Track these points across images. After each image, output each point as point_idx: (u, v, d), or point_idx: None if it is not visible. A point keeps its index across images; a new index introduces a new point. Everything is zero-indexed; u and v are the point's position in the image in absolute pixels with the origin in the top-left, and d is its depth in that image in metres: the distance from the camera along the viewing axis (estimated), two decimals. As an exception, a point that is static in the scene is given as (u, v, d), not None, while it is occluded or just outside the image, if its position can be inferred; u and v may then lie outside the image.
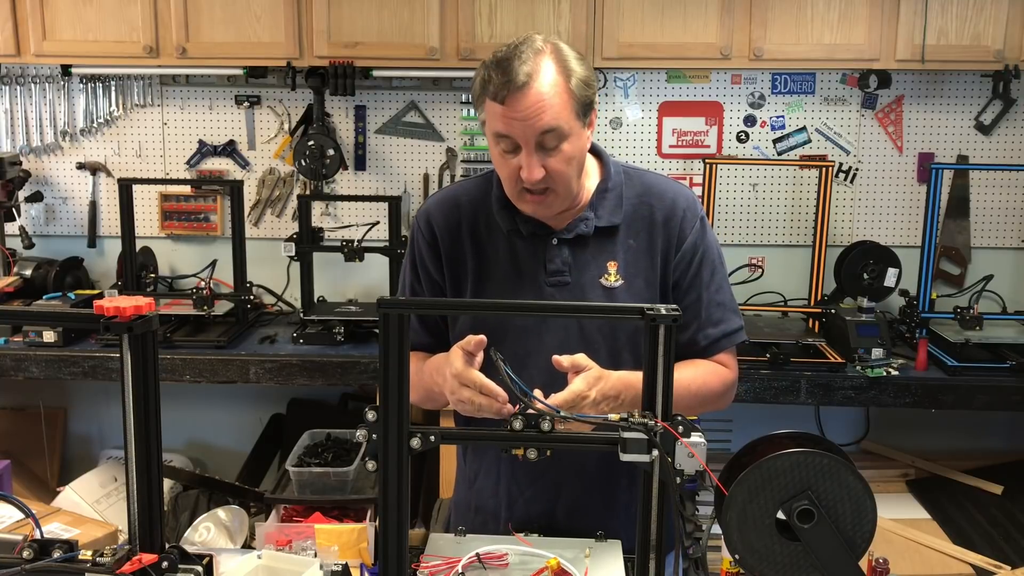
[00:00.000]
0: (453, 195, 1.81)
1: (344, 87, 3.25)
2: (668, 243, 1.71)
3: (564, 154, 1.60)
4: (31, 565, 1.16)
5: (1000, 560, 2.75)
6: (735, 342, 1.77)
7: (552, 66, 1.57)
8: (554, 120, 1.56)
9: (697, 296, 1.73)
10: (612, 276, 1.70)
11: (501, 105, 1.56)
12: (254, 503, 3.25)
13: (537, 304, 1.60)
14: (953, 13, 3.12)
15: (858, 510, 1.28)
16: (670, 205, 1.73)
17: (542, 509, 1.73)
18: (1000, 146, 3.49)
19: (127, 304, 1.12)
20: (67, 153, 3.67)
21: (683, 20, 3.15)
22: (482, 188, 1.78)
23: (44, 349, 3.05)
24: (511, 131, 1.57)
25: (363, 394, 3.62)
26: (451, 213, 1.77)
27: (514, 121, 1.56)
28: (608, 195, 1.73)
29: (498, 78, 1.56)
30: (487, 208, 1.75)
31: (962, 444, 3.54)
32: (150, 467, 1.17)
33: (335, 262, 3.46)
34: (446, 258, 1.77)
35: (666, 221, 1.72)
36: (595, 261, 1.71)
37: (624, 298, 1.69)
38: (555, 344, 1.66)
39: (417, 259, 1.81)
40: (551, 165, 1.60)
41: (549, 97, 1.55)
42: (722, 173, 3.46)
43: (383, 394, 1.20)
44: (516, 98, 1.55)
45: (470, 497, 1.85)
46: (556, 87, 1.56)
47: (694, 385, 1.69)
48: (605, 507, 1.72)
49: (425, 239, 1.78)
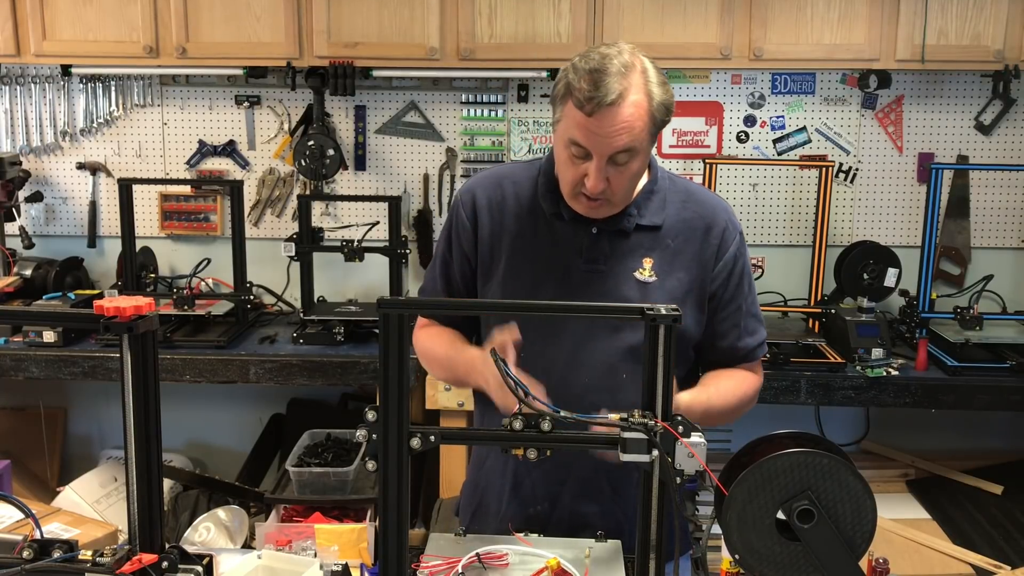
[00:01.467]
0: (498, 174, 1.84)
1: (344, 87, 3.25)
2: (709, 253, 1.75)
3: (630, 170, 1.64)
4: (31, 565, 1.16)
5: (1000, 560, 2.75)
6: (765, 351, 1.86)
7: (640, 86, 1.59)
8: (631, 142, 1.59)
9: (738, 307, 1.78)
10: (647, 271, 1.73)
11: (587, 117, 1.58)
12: (254, 503, 3.26)
13: (537, 304, 1.59)
14: (953, 13, 3.12)
15: (858, 510, 1.28)
16: (711, 215, 1.77)
17: (547, 491, 1.75)
18: (1000, 146, 3.49)
19: (127, 304, 1.12)
20: (67, 153, 3.67)
21: (683, 20, 3.15)
22: (528, 171, 1.81)
23: (44, 349, 3.05)
24: (589, 144, 1.60)
25: (363, 394, 3.62)
26: (494, 191, 1.80)
27: (595, 136, 1.59)
28: (654, 197, 1.76)
29: (589, 89, 1.57)
30: (531, 190, 1.78)
31: (962, 444, 3.54)
32: (150, 467, 1.17)
33: (335, 262, 3.46)
34: (482, 235, 1.79)
35: (707, 230, 1.75)
36: (632, 255, 1.73)
37: (657, 294, 1.71)
38: (582, 327, 1.69)
39: (453, 233, 1.84)
40: (615, 179, 1.64)
41: (632, 120, 1.58)
42: (722, 173, 3.46)
43: (383, 394, 1.20)
44: (603, 114, 1.57)
45: (479, 478, 1.87)
46: (640, 109, 1.59)
47: (737, 395, 1.77)
48: (613, 491, 1.74)
49: (466, 214, 1.82)
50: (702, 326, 1.77)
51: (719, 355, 1.80)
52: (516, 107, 3.54)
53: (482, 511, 1.84)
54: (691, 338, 1.77)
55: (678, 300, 1.71)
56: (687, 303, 1.73)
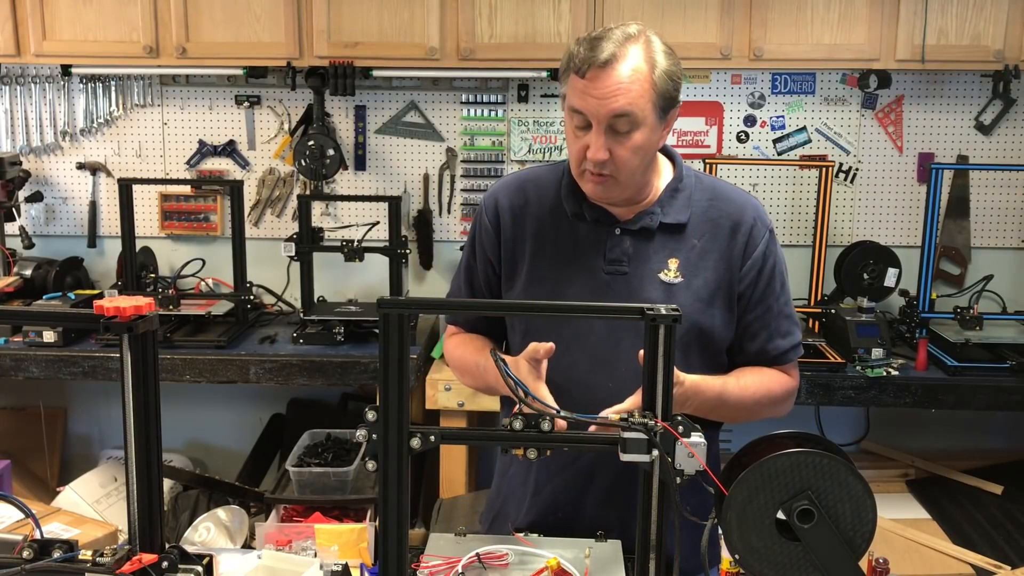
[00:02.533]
0: (522, 178, 1.84)
1: (344, 87, 3.25)
2: (736, 251, 1.71)
3: (633, 142, 1.60)
4: (31, 565, 1.16)
5: (1000, 560, 2.75)
6: (799, 354, 1.79)
7: (640, 53, 1.58)
8: (628, 105, 1.56)
9: (767, 307, 1.73)
10: (672, 272, 1.69)
11: (582, 79, 1.57)
12: (254, 503, 3.26)
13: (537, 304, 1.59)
14: (953, 13, 3.12)
15: (858, 510, 1.28)
16: (739, 212, 1.72)
17: (570, 497, 1.73)
18: (1000, 146, 3.49)
19: (127, 304, 1.12)
20: (67, 153, 3.67)
21: (683, 20, 3.15)
22: (552, 174, 1.80)
23: (44, 349, 3.05)
24: (585, 107, 1.58)
25: (363, 394, 3.62)
26: (516, 194, 1.79)
27: (589, 98, 1.57)
28: (678, 195, 1.73)
29: (584, 52, 1.57)
30: (555, 192, 1.77)
31: (962, 444, 3.55)
32: (150, 467, 1.17)
33: (335, 262, 3.46)
34: (505, 239, 1.78)
35: (734, 228, 1.71)
36: (656, 256, 1.70)
37: (683, 295, 1.68)
38: (607, 331, 1.67)
39: (477, 239, 1.83)
40: (617, 151, 1.60)
41: (629, 81, 1.56)
42: (722, 173, 3.46)
43: (383, 394, 1.20)
44: (596, 75, 1.55)
45: (501, 486, 1.86)
46: (638, 73, 1.57)
47: (760, 391, 1.71)
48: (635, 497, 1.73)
49: (488, 219, 1.81)
50: (732, 328, 1.73)
51: (750, 358, 1.75)
52: (516, 107, 3.54)
53: (502, 518, 1.82)
54: (721, 340, 1.72)
55: (704, 301, 1.69)
56: (715, 304, 1.69)
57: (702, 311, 1.68)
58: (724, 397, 1.64)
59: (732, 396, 1.66)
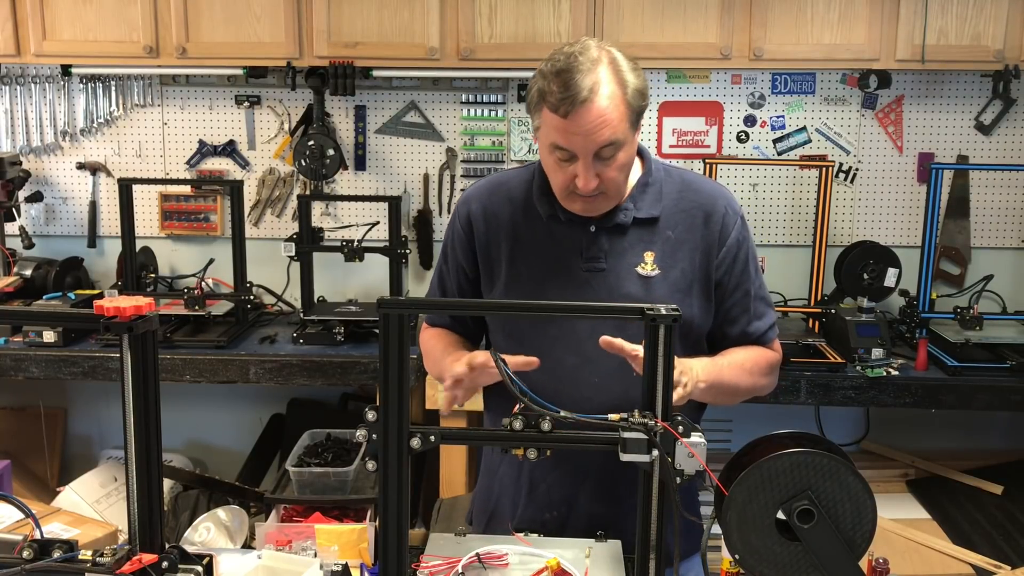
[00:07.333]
0: (493, 182, 1.85)
1: (344, 87, 3.25)
2: (710, 239, 1.73)
3: (618, 163, 1.63)
4: (31, 565, 1.17)
5: (1000, 560, 2.74)
6: (777, 333, 1.86)
7: (610, 75, 1.58)
8: (613, 134, 1.58)
9: (745, 292, 1.78)
10: (649, 265, 1.72)
11: (563, 119, 1.57)
12: (254, 503, 3.25)
13: (536, 304, 1.59)
14: (953, 13, 3.12)
15: (858, 510, 1.28)
16: (710, 202, 1.75)
17: (565, 494, 1.74)
18: (1000, 146, 3.49)
19: (127, 304, 1.12)
20: (67, 153, 3.67)
21: (683, 20, 3.15)
22: (523, 176, 1.82)
23: (44, 349, 3.05)
24: (571, 145, 1.59)
25: (363, 394, 3.62)
26: (490, 199, 1.81)
27: (574, 136, 1.58)
28: (649, 189, 1.75)
29: (559, 91, 1.56)
30: (527, 194, 1.78)
31: (962, 444, 3.54)
32: (150, 467, 1.17)
33: (335, 262, 3.45)
34: (480, 243, 1.80)
35: (707, 217, 1.74)
36: (632, 250, 1.72)
37: (660, 287, 1.70)
38: (588, 327, 1.68)
39: (450, 246, 1.86)
40: (605, 174, 1.62)
41: (609, 112, 1.57)
42: (722, 173, 3.46)
43: (383, 394, 1.20)
44: (578, 113, 1.56)
45: (493, 484, 1.87)
46: (614, 99, 1.58)
47: (748, 363, 1.76)
48: (632, 495, 1.73)
49: (461, 225, 1.83)
50: (711, 315, 1.76)
51: (731, 342, 1.79)
52: (516, 107, 3.54)
53: (497, 517, 1.83)
54: (701, 329, 1.76)
55: (683, 292, 1.71)
56: (692, 294, 1.72)
57: (680, 301, 1.70)
58: (721, 379, 1.68)
59: (728, 377, 1.71)
